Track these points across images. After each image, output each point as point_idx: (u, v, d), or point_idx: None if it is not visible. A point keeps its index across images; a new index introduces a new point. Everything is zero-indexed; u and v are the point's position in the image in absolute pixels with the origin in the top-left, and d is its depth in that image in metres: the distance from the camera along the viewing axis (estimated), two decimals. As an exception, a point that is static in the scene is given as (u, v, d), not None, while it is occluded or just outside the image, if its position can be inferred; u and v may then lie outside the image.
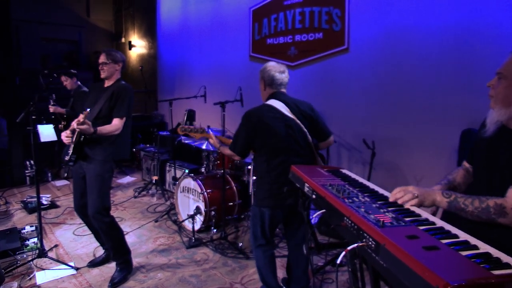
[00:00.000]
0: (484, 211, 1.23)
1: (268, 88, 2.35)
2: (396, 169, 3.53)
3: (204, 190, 3.51)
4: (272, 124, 2.21)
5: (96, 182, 2.62)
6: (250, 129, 2.23)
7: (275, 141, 2.22)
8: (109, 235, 2.70)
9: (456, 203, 1.29)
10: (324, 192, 1.39)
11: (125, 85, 2.78)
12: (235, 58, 5.18)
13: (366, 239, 1.06)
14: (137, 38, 7.54)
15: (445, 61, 3.17)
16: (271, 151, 2.24)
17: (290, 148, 2.23)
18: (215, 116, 4.87)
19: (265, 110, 2.24)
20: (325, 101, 4.16)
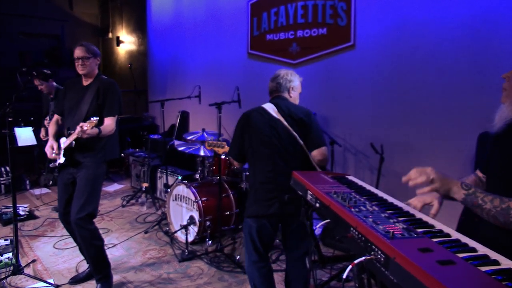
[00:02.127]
0: (504, 212, 1.20)
1: (270, 96, 2.51)
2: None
3: (199, 198, 3.51)
4: (257, 124, 2.29)
5: (88, 185, 2.63)
6: (239, 130, 2.36)
7: (259, 143, 2.28)
8: (90, 245, 2.68)
9: (474, 198, 1.25)
10: (328, 201, 1.37)
11: (109, 79, 2.79)
12: (232, 55, 5.19)
13: (374, 251, 1.05)
14: (126, 34, 7.55)
15: (460, 58, 3.17)
16: (256, 154, 2.30)
17: (274, 152, 2.25)
18: (210, 118, 4.87)
19: (255, 111, 2.36)
20: (329, 102, 4.16)
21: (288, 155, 2.26)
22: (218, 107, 3.41)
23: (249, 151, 2.32)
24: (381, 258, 1.02)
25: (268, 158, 2.26)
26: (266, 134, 2.26)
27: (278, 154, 2.25)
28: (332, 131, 3.99)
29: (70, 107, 2.73)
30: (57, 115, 2.90)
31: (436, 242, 1.07)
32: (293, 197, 1.73)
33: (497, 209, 1.21)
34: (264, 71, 4.60)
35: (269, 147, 2.25)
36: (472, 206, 1.26)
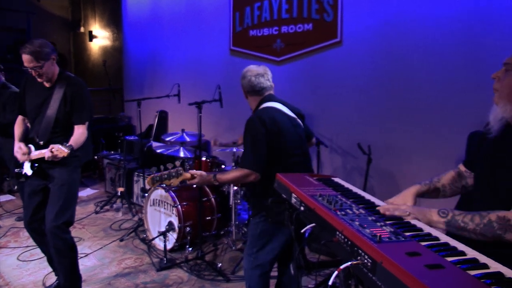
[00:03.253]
0: (487, 227, 1.22)
1: (251, 96, 2.38)
2: (395, 177, 3.56)
3: (178, 203, 3.48)
4: (284, 125, 2.24)
5: (63, 191, 2.57)
6: (268, 136, 2.15)
7: (290, 144, 2.23)
8: (64, 256, 2.62)
9: (454, 222, 1.28)
10: (313, 204, 1.38)
11: (76, 80, 2.66)
12: (214, 52, 5.17)
13: (361, 256, 1.05)
14: (99, 28, 7.43)
15: (453, 56, 3.23)
16: (287, 157, 2.21)
17: (303, 152, 2.30)
18: (190, 118, 4.83)
19: (275, 113, 2.24)
20: (315, 101, 4.18)
21: (307, 150, 2.37)
22: (199, 106, 3.39)
23: (277, 155, 2.17)
24: (368, 263, 1.02)
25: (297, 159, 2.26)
26: (294, 135, 2.27)
27: (304, 153, 2.32)
28: (318, 131, 4.01)
29: (33, 110, 2.61)
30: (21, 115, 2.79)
31: (425, 245, 1.08)
32: (277, 201, 1.73)
33: (481, 226, 1.24)
34: (247, 68, 4.58)
35: (299, 148, 2.27)
36: (458, 231, 1.28)
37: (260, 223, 2.25)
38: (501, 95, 1.35)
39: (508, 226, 1.19)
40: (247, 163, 2.15)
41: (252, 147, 2.15)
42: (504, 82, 1.34)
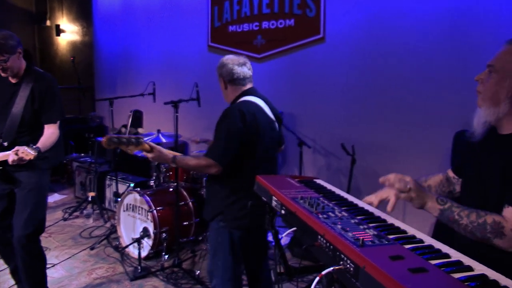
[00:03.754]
0: (480, 227, 1.25)
1: (231, 86, 2.29)
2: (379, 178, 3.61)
3: (153, 208, 3.46)
4: (262, 124, 2.19)
5: (30, 197, 2.50)
6: (244, 131, 2.10)
7: (262, 146, 2.19)
8: (32, 268, 2.55)
9: (450, 213, 1.30)
10: (294, 207, 1.38)
11: (45, 75, 2.59)
12: (191, 48, 5.15)
13: (343, 261, 1.05)
14: (67, 22, 7.27)
15: (438, 53, 3.30)
16: (255, 158, 2.18)
17: (272, 156, 2.27)
18: (166, 118, 4.77)
19: (253, 108, 2.18)
20: (297, 99, 4.21)
21: (276, 157, 2.33)
22: (175, 105, 3.37)
23: (247, 154, 2.15)
24: (350, 267, 1.02)
25: (267, 163, 2.23)
26: (268, 138, 2.23)
27: (275, 158, 2.28)
28: (301, 131, 4.04)
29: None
30: None
31: (408, 248, 1.09)
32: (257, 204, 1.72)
33: (474, 224, 1.26)
34: (226, 65, 4.58)
35: (270, 152, 2.25)
36: (448, 222, 1.31)
37: (220, 229, 2.21)
38: (484, 98, 1.38)
39: (499, 232, 1.22)
40: (214, 154, 2.10)
41: (225, 139, 2.10)
42: (487, 85, 1.37)
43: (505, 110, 1.33)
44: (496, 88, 1.33)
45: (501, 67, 1.33)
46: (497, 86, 1.33)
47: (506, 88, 1.31)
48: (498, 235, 1.22)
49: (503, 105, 1.32)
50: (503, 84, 1.32)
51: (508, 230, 1.22)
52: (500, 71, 1.33)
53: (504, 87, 1.32)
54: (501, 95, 1.32)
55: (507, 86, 1.31)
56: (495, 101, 1.34)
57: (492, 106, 1.35)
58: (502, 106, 1.33)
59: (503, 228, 1.22)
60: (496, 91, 1.33)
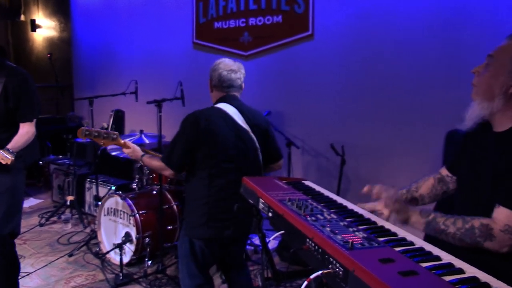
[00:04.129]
0: (468, 232, 1.26)
1: (216, 91, 2.34)
2: (370, 179, 3.57)
3: (136, 212, 3.43)
4: (222, 132, 2.18)
5: (4, 198, 2.46)
6: (194, 137, 2.17)
7: (222, 156, 2.19)
8: (3, 274, 2.49)
9: (435, 224, 1.32)
10: (282, 209, 1.39)
11: (18, 71, 2.55)
12: (175, 45, 5.13)
13: (332, 264, 1.06)
14: (43, 16, 7.17)
15: (430, 50, 3.34)
16: (215, 167, 2.19)
17: (238, 167, 2.22)
18: (149, 118, 4.74)
19: (215, 114, 2.22)
20: (285, 98, 4.22)
21: (251, 170, 2.27)
22: (158, 105, 3.35)
23: (205, 162, 2.19)
24: (339, 271, 1.03)
25: (230, 174, 2.20)
26: (232, 147, 2.20)
27: (242, 170, 2.21)
28: (289, 131, 4.05)
29: None
30: None
31: (399, 251, 1.10)
32: (243, 207, 1.72)
33: (462, 231, 1.27)
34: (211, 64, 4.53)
35: (233, 162, 2.21)
36: (436, 233, 1.32)
37: (182, 237, 2.30)
38: (478, 91, 1.40)
39: (488, 234, 1.24)
40: (164, 157, 2.24)
41: (172, 142, 2.22)
42: (482, 78, 1.39)
43: (499, 106, 1.34)
44: (491, 82, 1.35)
45: (497, 61, 1.35)
46: (492, 80, 1.35)
47: (501, 83, 1.33)
48: (488, 238, 1.24)
49: (497, 100, 1.34)
50: (498, 79, 1.33)
51: (497, 232, 1.23)
52: (497, 65, 1.35)
53: (499, 82, 1.33)
54: (495, 90, 1.34)
55: (502, 82, 1.32)
56: (489, 95, 1.35)
57: (486, 100, 1.36)
58: (496, 101, 1.34)
59: (492, 230, 1.24)
60: (490, 85, 1.35)
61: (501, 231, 1.23)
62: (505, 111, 1.35)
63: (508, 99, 1.33)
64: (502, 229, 1.23)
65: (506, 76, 1.32)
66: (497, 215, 1.27)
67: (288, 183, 1.77)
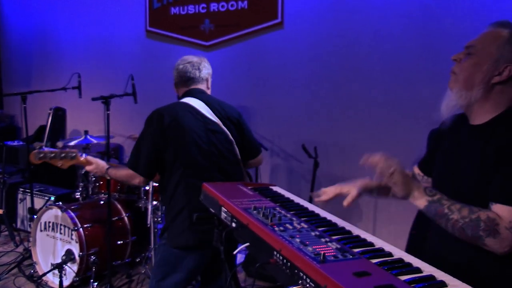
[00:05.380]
0: (473, 224, 1.28)
1: (180, 87, 2.45)
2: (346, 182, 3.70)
3: (80, 225, 3.38)
4: (191, 127, 2.24)
5: None
6: (160, 135, 2.22)
7: (196, 154, 2.24)
8: None
9: (439, 206, 1.34)
10: (246, 218, 1.39)
11: None
12: (125, 33, 5.06)
13: (302, 280, 1.07)
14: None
15: (410, 40, 3.42)
16: (188, 166, 2.24)
17: (212, 161, 2.28)
18: (96, 117, 4.66)
19: (181, 109, 2.28)
20: (251, 94, 4.22)
21: (227, 166, 2.34)
22: (106, 102, 3.29)
23: (177, 162, 2.24)
24: (310, 287, 1.03)
25: (206, 172, 2.25)
26: (203, 142, 2.25)
27: (217, 166, 2.29)
28: (256, 130, 4.04)
29: None
30: None
31: (376, 263, 1.12)
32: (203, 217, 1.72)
33: (466, 220, 1.30)
34: (167, 55, 4.54)
35: (208, 159, 2.26)
36: (436, 216, 1.35)
37: (161, 247, 2.35)
38: (458, 79, 1.45)
39: (493, 230, 1.26)
40: (130, 163, 2.29)
41: (137, 145, 2.28)
42: (463, 65, 1.45)
43: (478, 96, 1.40)
44: (472, 71, 1.41)
45: (481, 49, 1.41)
46: (473, 68, 1.41)
47: (483, 72, 1.39)
48: (492, 234, 1.26)
49: (476, 90, 1.40)
50: (480, 68, 1.40)
51: (503, 228, 1.26)
52: (480, 53, 1.41)
53: (481, 71, 1.39)
54: (476, 79, 1.40)
55: (485, 71, 1.39)
56: (468, 84, 1.41)
57: (465, 89, 1.42)
58: (475, 91, 1.40)
59: (498, 225, 1.26)
60: (471, 74, 1.41)
61: (507, 229, 1.26)
62: (483, 103, 1.41)
63: (488, 89, 1.39)
64: (507, 226, 1.26)
65: (490, 65, 1.38)
66: (499, 211, 1.29)
67: (254, 189, 1.78)
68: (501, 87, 1.39)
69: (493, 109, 1.41)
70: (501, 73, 1.37)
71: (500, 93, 1.40)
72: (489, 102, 1.41)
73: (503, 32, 1.40)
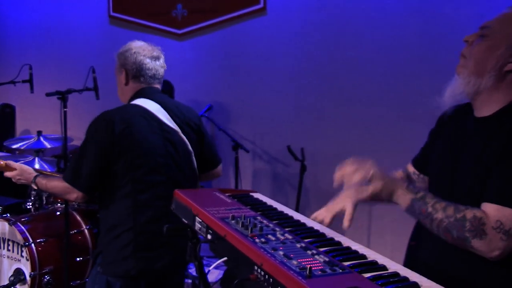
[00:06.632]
0: (458, 223, 1.31)
1: (133, 82, 2.35)
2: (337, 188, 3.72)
3: (31, 241, 3.31)
4: (147, 137, 2.20)
5: None
6: (109, 145, 2.16)
7: (150, 165, 2.20)
8: None
9: (422, 204, 1.36)
10: (224, 229, 1.38)
11: None
12: (85, 19, 5.04)
13: (286, 298, 1.06)
14: None
15: (407, 29, 3.47)
16: (140, 182, 2.19)
17: (169, 177, 2.24)
18: (50, 115, 4.60)
19: (134, 113, 2.23)
20: (230, 89, 4.22)
21: (186, 182, 2.30)
22: (62, 98, 3.25)
23: (127, 177, 2.18)
24: (295, 306, 1.04)
25: (159, 188, 2.22)
26: (159, 154, 2.22)
27: (174, 181, 2.23)
28: (236, 130, 4.06)
29: None
30: None
31: (368, 278, 1.13)
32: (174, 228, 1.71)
33: (450, 219, 1.32)
34: (134, 44, 4.52)
35: (163, 173, 2.23)
36: (420, 215, 1.37)
37: (97, 276, 2.26)
38: (468, 64, 1.46)
39: (479, 230, 1.28)
40: (67, 175, 2.22)
41: (78, 156, 2.22)
42: (475, 49, 1.46)
43: (488, 84, 1.42)
44: (485, 55, 1.43)
45: (498, 31, 1.43)
46: (487, 53, 1.42)
47: (497, 57, 1.40)
48: (478, 235, 1.28)
49: (487, 77, 1.41)
50: (495, 52, 1.41)
51: (489, 228, 1.28)
52: (496, 35, 1.43)
53: (495, 56, 1.41)
54: (488, 64, 1.41)
55: (499, 56, 1.40)
56: (479, 69, 1.43)
57: (474, 75, 1.44)
58: (486, 78, 1.42)
59: (484, 225, 1.28)
60: (484, 58, 1.43)
61: (493, 229, 1.28)
62: (492, 92, 1.43)
63: (500, 77, 1.41)
64: (494, 225, 1.28)
65: (506, 49, 1.40)
66: (488, 209, 1.31)
67: (233, 197, 1.78)
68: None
69: (502, 100, 1.43)
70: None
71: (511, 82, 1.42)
72: (498, 92, 1.43)
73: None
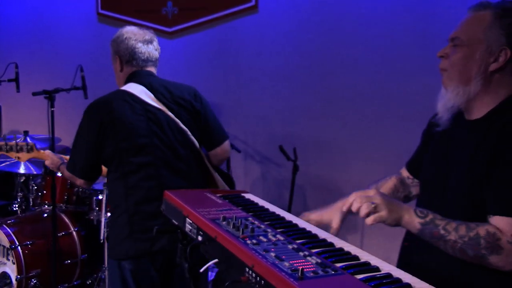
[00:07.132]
0: (472, 242, 1.31)
1: (126, 67, 2.41)
2: (331, 188, 3.73)
3: (17, 243, 3.33)
4: (128, 119, 2.24)
5: None
6: (96, 130, 2.25)
7: (133, 149, 2.25)
8: None
9: (433, 227, 1.37)
10: (214, 231, 1.38)
11: None
12: (73, 16, 5.02)
13: (277, 300, 1.06)
14: None
15: (401, 27, 3.48)
16: (127, 165, 2.25)
17: (157, 159, 2.27)
18: (38, 115, 4.57)
19: (117, 98, 2.30)
20: (222, 89, 4.22)
21: (179, 162, 2.32)
22: (50, 97, 3.26)
23: (114, 160, 2.28)
24: (286, 309, 1.04)
25: (148, 169, 2.26)
26: (142, 134, 2.26)
27: (164, 161, 2.28)
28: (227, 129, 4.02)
29: None
30: None
31: (361, 279, 1.13)
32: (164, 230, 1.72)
33: (465, 239, 1.32)
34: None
35: (149, 153, 2.27)
36: (432, 238, 1.37)
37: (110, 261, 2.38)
38: (451, 76, 1.49)
39: (495, 245, 1.29)
40: (68, 164, 2.40)
41: (73, 144, 2.36)
42: (453, 59, 1.48)
43: (477, 89, 1.43)
44: (465, 63, 1.45)
45: (468, 38, 1.45)
46: (466, 61, 1.44)
47: (477, 62, 1.42)
48: (495, 251, 1.29)
49: (474, 82, 1.43)
50: (473, 57, 1.43)
51: (505, 243, 1.29)
52: (468, 42, 1.44)
53: (475, 61, 1.43)
54: (471, 71, 1.43)
55: (479, 60, 1.42)
56: (464, 78, 1.45)
57: (462, 84, 1.45)
58: (474, 84, 1.43)
59: (499, 240, 1.29)
60: (464, 67, 1.45)
61: (509, 243, 1.29)
62: (482, 96, 1.45)
63: (487, 79, 1.43)
64: (510, 239, 1.29)
65: (483, 52, 1.42)
66: (499, 223, 1.32)
67: (224, 197, 1.78)
68: (499, 75, 1.43)
69: (492, 101, 1.45)
70: (497, 58, 1.40)
71: (499, 81, 1.43)
72: (488, 94, 1.45)
73: (485, 14, 1.43)
